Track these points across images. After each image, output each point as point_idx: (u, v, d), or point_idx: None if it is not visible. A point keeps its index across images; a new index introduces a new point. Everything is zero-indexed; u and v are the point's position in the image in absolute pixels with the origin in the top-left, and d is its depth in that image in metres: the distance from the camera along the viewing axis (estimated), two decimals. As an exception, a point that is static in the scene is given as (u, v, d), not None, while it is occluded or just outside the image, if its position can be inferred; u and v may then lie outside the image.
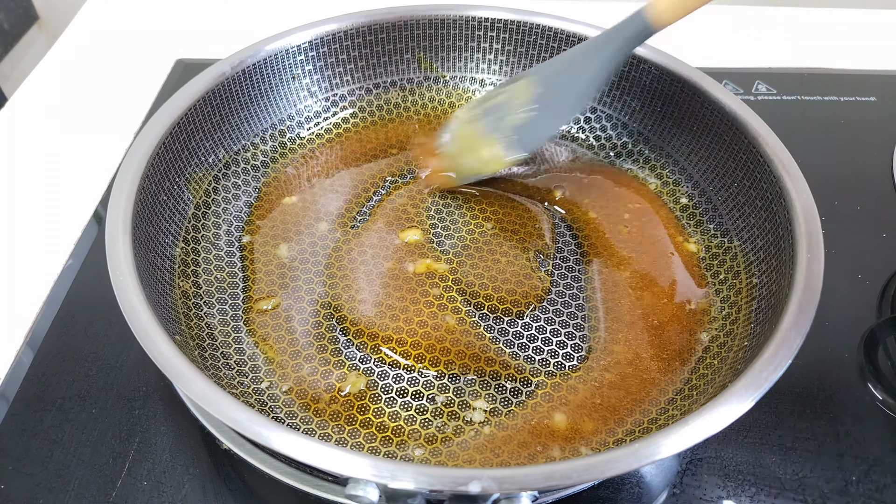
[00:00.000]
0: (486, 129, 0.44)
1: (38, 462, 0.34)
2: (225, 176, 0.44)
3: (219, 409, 0.26)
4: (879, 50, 0.65)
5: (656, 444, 0.26)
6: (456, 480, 0.25)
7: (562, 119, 0.43)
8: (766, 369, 0.29)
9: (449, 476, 0.25)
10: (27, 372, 0.37)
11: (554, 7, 0.52)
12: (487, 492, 0.25)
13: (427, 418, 0.34)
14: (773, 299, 0.34)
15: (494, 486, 0.25)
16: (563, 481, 0.25)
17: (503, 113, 0.43)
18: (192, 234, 0.40)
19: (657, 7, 0.37)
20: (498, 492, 0.25)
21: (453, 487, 0.25)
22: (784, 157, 0.38)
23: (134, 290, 0.31)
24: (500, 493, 0.25)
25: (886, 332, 0.41)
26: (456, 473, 0.25)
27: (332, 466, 0.25)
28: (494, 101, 0.44)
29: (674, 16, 0.37)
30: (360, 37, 0.48)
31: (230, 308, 0.38)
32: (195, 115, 0.41)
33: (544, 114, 0.42)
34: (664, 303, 0.39)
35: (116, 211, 0.34)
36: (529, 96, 0.42)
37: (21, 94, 0.57)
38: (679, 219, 0.44)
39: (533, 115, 0.42)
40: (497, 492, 0.25)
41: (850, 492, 0.34)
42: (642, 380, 0.36)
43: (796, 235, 0.35)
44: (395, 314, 0.38)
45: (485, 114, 0.44)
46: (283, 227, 0.42)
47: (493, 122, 0.43)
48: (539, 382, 0.36)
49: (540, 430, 0.34)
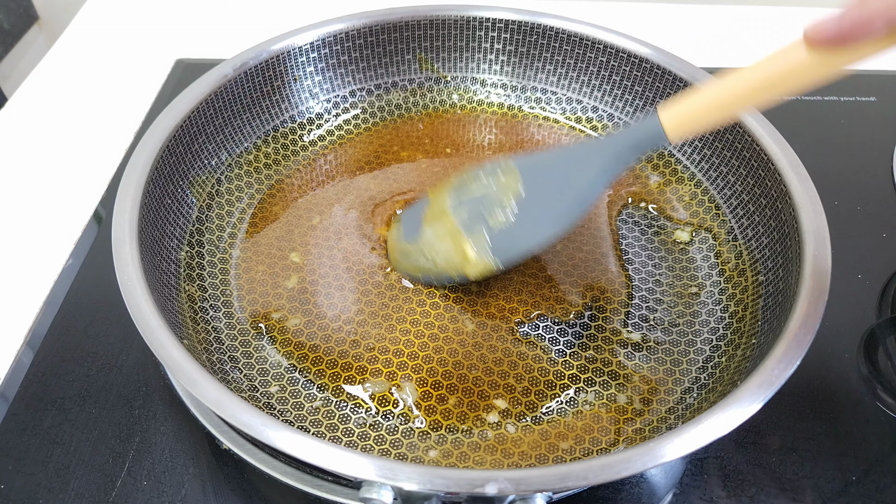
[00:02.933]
0: (460, 225, 0.38)
1: (38, 462, 0.34)
2: (228, 178, 0.44)
3: (232, 415, 0.26)
4: (879, 50, 0.64)
5: (671, 442, 0.26)
6: (473, 482, 0.25)
7: (549, 229, 0.35)
8: (778, 367, 0.29)
9: (466, 478, 0.25)
10: (27, 372, 0.37)
11: (555, 7, 0.52)
12: (504, 493, 0.25)
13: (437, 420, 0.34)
14: (781, 297, 0.34)
15: (511, 487, 0.25)
16: (580, 482, 0.25)
17: (481, 209, 0.37)
18: (196, 237, 0.40)
19: (674, 115, 0.32)
20: (514, 493, 0.25)
21: (470, 489, 0.25)
22: (788, 154, 0.38)
23: (142, 294, 0.31)
24: (516, 494, 0.25)
25: (886, 332, 0.41)
26: (473, 475, 0.25)
27: (349, 470, 0.25)
28: (471, 191, 0.38)
29: (688, 130, 0.32)
30: (362, 38, 0.48)
31: (237, 311, 0.38)
32: (198, 118, 0.41)
33: (527, 220, 0.36)
34: None
35: (122, 215, 0.34)
36: (512, 193, 0.36)
37: (21, 94, 0.57)
38: (681, 216, 0.44)
39: (513, 221, 0.36)
40: (513, 493, 0.25)
41: (850, 492, 0.34)
42: (651, 379, 0.36)
43: (802, 233, 0.35)
44: (398, 326, 0.38)
45: (461, 205, 0.38)
46: (287, 229, 0.42)
47: (468, 219, 0.37)
48: None
49: (550, 431, 0.34)
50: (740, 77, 0.30)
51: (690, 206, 0.44)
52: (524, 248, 0.36)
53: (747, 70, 0.30)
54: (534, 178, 0.36)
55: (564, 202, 0.35)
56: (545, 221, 0.35)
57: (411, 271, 0.39)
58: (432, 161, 0.47)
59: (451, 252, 0.37)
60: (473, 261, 0.36)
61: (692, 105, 0.32)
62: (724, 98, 0.31)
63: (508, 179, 0.37)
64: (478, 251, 0.36)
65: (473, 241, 0.37)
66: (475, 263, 0.37)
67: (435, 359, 0.36)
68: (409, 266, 0.39)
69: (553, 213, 0.35)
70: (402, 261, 0.39)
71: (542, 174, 0.36)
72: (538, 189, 0.36)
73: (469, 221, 0.37)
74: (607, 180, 0.35)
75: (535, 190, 0.36)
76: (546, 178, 0.36)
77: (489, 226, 0.36)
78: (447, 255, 0.37)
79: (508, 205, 0.36)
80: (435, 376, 0.35)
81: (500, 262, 0.36)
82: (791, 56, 0.28)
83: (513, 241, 0.36)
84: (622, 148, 0.34)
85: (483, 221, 0.37)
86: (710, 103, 0.31)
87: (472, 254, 0.36)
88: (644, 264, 0.42)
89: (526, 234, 0.36)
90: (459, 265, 0.37)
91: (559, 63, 0.49)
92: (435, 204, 0.40)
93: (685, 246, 0.42)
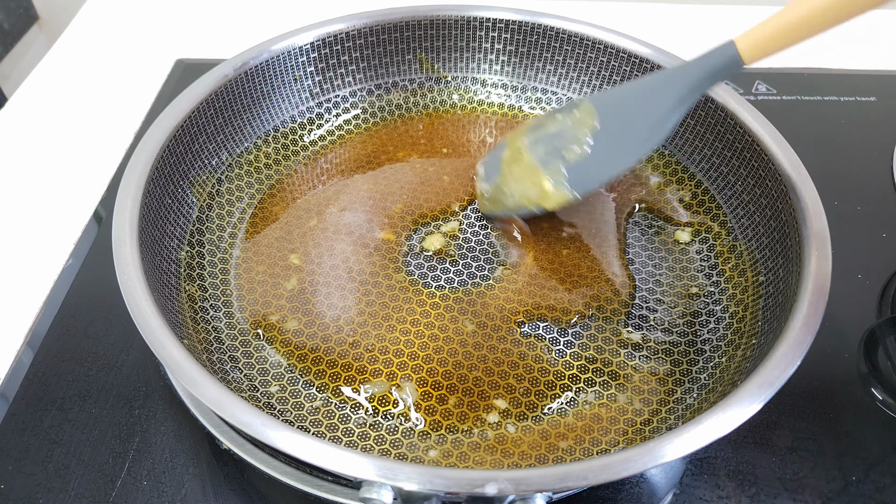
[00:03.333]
0: (537, 161, 0.39)
1: (38, 462, 0.34)
2: (228, 178, 0.44)
3: (232, 415, 0.26)
4: (879, 50, 0.65)
5: (671, 443, 0.26)
6: (473, 482, 0.25)
7: (625, 159, 0.37)
8: (778, 367, 0.29)
9: (466, 478, 0.25)
10: (27, 372, 0.37)
11: (556, 7, 0.52)
12: (504, 493, 0.25)
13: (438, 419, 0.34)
14: (781, 297, 0.34)
15: (511, 487, 0.25)
16: (579, 482, 0.25)
17: (557, 145, 0.39)
18: (196, 237, 0.40)
19: (749, 39, 0.34)
20: (514, 493, 0.25)
21: (470, 489, 0.25)
22: (788, 154, 0.38)
23: (143, 294, 0.31)
24: (516, 494, 0.25)
25: (886, 332, 0.41)
26: (473, 475, 0.25)
27: (349, 470, 0.25)
28: (547, 129, 0.40)
29: (765, 51, 0.33)
30: (362, 38, 0.48)
31: (237, 311, 0.38)
32: (198, 118, 0.41)
33: (603, 152, 0.37)
34: None
35: (122, 215, 0.34)
36: (588, 128, 0.38)
37: (21, 94, 0.57)
38: (681, 216, 0.44)
39: (589, 151, 0.37)
40: (513, 493, 0.25)
41: (850, 492, 0.34)
42: (650, 379, 0.36)
43: (803, 233, 0.35)
44: (398, 326, 0.38)
45: (537, 142, 0.40)
46: (287, 229, 0.42)
47: (545, 154, 0.39)
48: None
49: (550, 431, 0.34)
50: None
51: (691, 207, 0.44)
52: (601, 178, 0.38)
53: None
54: (609, 112, 0.37)
55: (640, 133, 0.36)
56: (621, 152, 0.37)
57: (495, 209, 0.42)
58: (431, 161, 0.47)
59: (529, 186, 0.39)
60: (551, 193, 0.38)
61: (767, 28, 0.33)
62: (801, 18, 0.32)
63: (583, 115, 0.38)
64: (555, 184, 0.38)
65: (550, 174, 0.38)
66: (553, 196, 0.39)
67: (435, 359, 0.36)
68: (493, 204, 0.42)
69: (629, 143, 0.37)
70: (485, 202, 0.42)
71: (618, 107, 0.37)
72: (614, 122, 0.37)
73: (546, 156, 0.39)
74: (684, 110, 0.36)
75: (611, 123, 0.37)
76: (622, 111, 0.37)
77: (565, 159, 0.38)
78: (525, 190, 0.39)
79: (584, 138, 0.37)
80: (435, 376, 0.35)
81: (577, 193, 0.38)
82: None
83: (589, 172, 0.38)
84: (697, 77, 0.35)
85: (559, 156, 0.38)
86: (787, 24, 0.32)
87: (549, 186, 0.38)
88: (644, 264, 0.42)
89: (601, 164, 0.37)
90: (538, 198, 0.39)
91: (559, 63, 0.49)
92: (512, 145, 0.41)
93: (685, 246, 0.42)
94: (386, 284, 0.39)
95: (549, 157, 0.39)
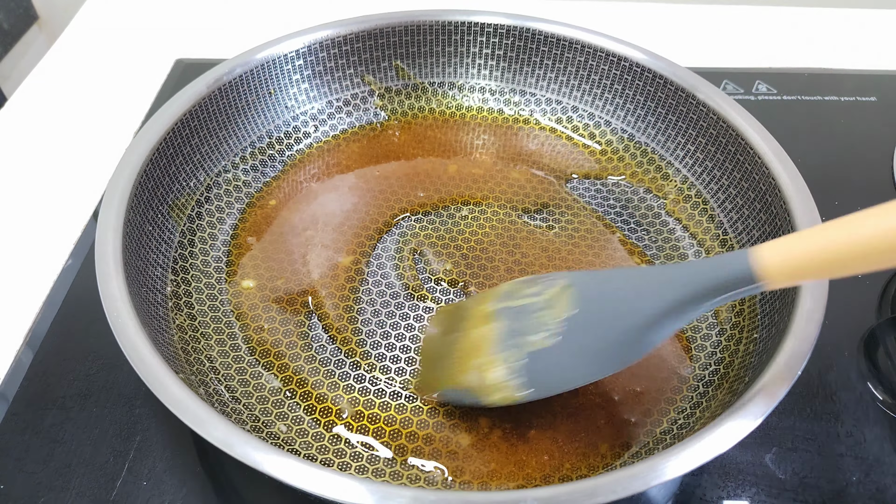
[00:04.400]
0: (499, 339, 0.31)
1: (39, 461, 0.34)
2: (208, 200, 0.43)
3: (243, 454, 0.26)
4: (879, 50, 0.65)
5: (700, 445, 0.26)
6: None
7: (591, 366, 0.29)
8: (793, 357, 0.29)
9: (494, 501, 0.25)
10: (27, 371, 0.37)
11: (541, 9, 0.52)
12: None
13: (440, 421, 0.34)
14: (778, 302, 0.34)
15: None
16: (609, 496, 0.25)
17: (526, 323, 0.31)
18: (179, 263, 0.39)
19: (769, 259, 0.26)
20: None
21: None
22: (772, 145, 0.39)
23: (135, 331, 0.30)
24: None
25: (886, 332, 0.41)
26: (503, 497, 0.25)
27: (366, 501, 0.25)
28: (523, 300, 0.32)
29: (788, 278, 0.26)
30: (336, 48, 0.47)
31: (228, 338, 0.37)
32: (174, 139, 0.40)
33: (569, 348, 0.29)
34: None
35: (105, 247, 0.33)
36: (561, 311, 0.30)
37: (21, 94, 0.57)
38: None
39: (555, 341, 0.30)
40: None
41: (851, 492, 0.34)
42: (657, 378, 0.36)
43: (796, 227, 0.35)
44: (396, 343, 0.38)
45: (505, 314, 0.32)
46: (273, 248, 0.41)
47: (508, 332, 0.31)
48: None
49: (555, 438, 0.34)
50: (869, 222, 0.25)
51: (677, 202, 0.44)
52: (561, 382, 0.30)
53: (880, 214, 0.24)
54: (587, 296, 0.30)
55: (622, 329, 0.29)
56: (591, 352, 0.29)
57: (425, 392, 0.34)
58: (415, 170, 0.46)
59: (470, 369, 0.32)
60: (496, 385, 0.30)
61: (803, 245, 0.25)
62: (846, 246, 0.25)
63: (559, 290, 0.31)
64: (507, 374, 0.30)
65: (505, 358, 0.31)
66: (496, 388, 0.31)
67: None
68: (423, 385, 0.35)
69: (605, 343, 0.29)
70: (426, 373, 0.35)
71: (599, 294, 0.30)
72: (590, 310, 0.30)
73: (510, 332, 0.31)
74: (679, 323, 0.28)
75: (587, 310, 0.30)
76: (602, 298, 0.30)
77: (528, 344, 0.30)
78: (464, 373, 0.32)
79: (553, 323, 0.30)
80: None
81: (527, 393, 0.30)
82: None
83: (550, 369, 0.30)
84: (700, 285, 0.27)
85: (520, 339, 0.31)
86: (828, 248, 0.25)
87: (499, 375, 0.30)
88: (644, 264, 0.42)
89: (567, 365, 0.30)
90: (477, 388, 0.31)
91: (549, 67, 0.49)
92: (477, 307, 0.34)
93: (677, 244, 0.42)
94: (380, 301, 0.39)
95: (513, 336, 0.31)
